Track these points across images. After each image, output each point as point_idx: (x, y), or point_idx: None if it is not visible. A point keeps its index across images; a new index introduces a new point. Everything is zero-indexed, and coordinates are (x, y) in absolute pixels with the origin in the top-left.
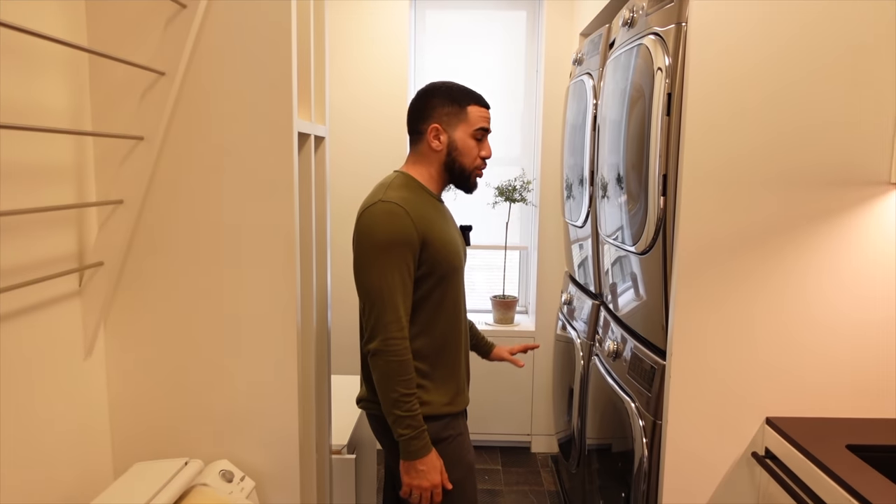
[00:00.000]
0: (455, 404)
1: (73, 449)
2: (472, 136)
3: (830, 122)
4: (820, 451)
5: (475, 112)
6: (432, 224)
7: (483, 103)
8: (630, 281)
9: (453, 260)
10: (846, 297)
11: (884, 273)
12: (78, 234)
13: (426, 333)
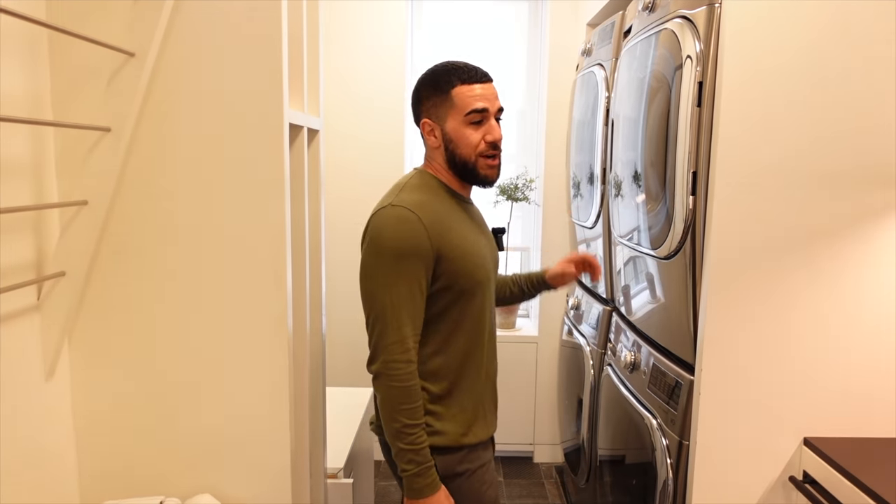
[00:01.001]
0: (473, 434)
1: (36, 484)
2: (466, 122)
3: (880, 117)
4: (866, 475)
5: (463, 93)
6: (450, 232)
7: (473, 79)
8: (647, 285)
9: (476, 273)
10: (894, 305)
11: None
12: (36, 239)
13: (443, 353)
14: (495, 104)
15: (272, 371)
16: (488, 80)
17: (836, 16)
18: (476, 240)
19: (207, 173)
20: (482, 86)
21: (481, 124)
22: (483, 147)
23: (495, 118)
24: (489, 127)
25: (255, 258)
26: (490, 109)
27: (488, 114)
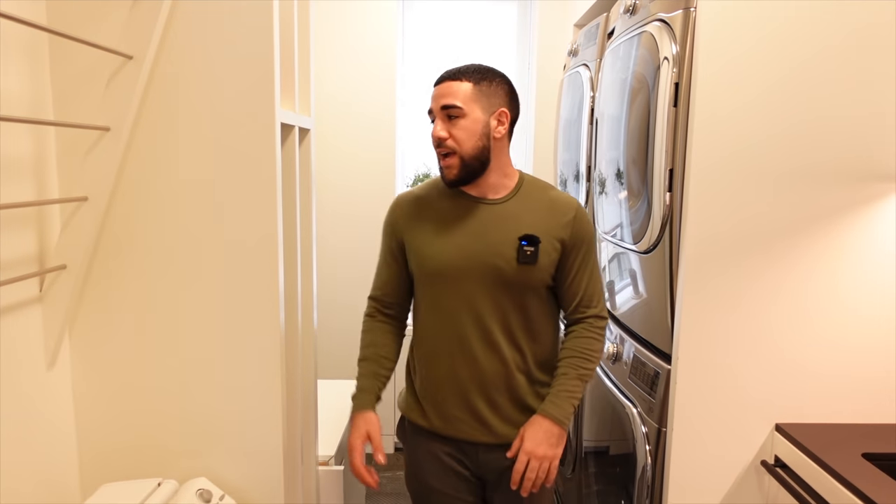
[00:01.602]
0: (409, 412)
1: (37, 468)
2: (432, 120)
3: (847, 114)
4: (834, 459)
5: (433, 93)
6: (419, 224)
7: (437, 81)
8: (630, 280)
9: (425, 265)
10: (863, 296)
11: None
12: (38, 234)
13: (415, 325)
14: (439, 102)
15: (264, 361)
16: (446, 79)
17: (805, 18)
18: (451, 237)
19: (202, 171)
20: (438, 87)
21: (434, 125)
22: (435, 147)
23: (444, 117)
24: (434, 127)
25: (247, 253)
26: (434, 109)
27: (433, 115)
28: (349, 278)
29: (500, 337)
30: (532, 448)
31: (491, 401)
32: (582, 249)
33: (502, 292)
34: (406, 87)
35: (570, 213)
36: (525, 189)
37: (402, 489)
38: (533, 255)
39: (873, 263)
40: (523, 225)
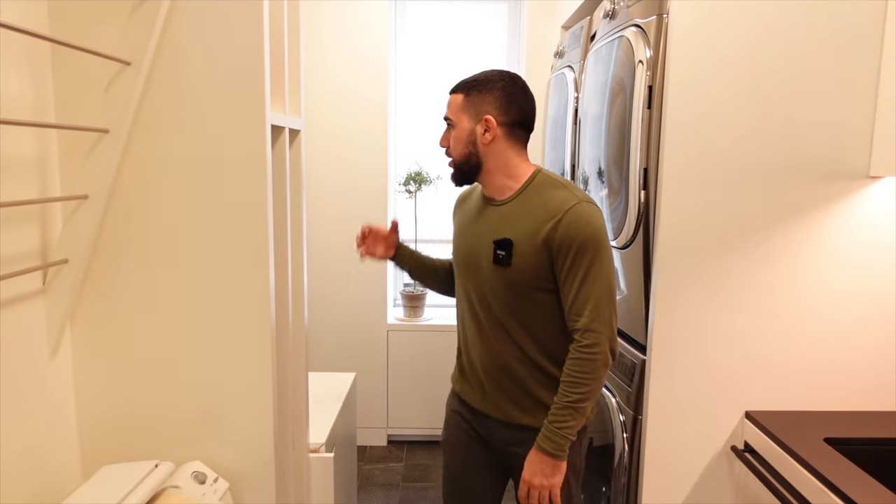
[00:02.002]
0: (458, 387)
1: (40, 451)
2: None
3: (811, 116)
4: (798, 444)
5: None
6: (457, 218)
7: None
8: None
9: (455, 250)
10: (826, 290)
11: (864, 267)
12: (41, 230)
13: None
14: (445, 113)
15: (256, 354)
16: (451, 92)
17: (771, 26)
18: (465, 233)
19: (196, 171)
20: (450, 97)
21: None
22: None
23: (447, 126)
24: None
25: (239, 250)
26: (445, 119)
27: (447, 123)
28: (342, 276)
29: (494, 329)
30: (529, 478)
31: (496, 382)
32: (571, 252)
33: (491, 289)
34: (398, 86)
35: (558, 214)
36: (529, 190)
37: (393, 480)
38: (505, 258)
39: (840, 259)
40: (510, 227)
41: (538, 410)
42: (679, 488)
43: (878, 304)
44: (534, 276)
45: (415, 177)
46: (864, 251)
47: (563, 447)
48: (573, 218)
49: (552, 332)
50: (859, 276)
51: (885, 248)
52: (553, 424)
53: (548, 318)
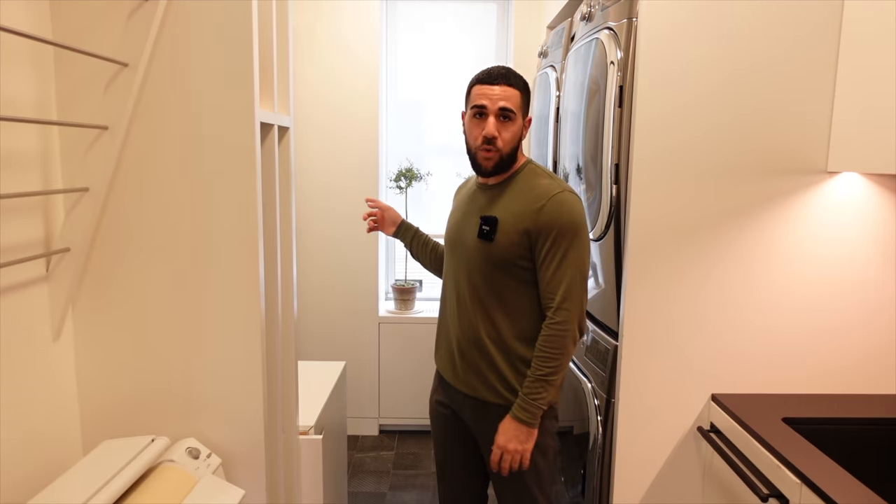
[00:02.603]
0: (438, 365)
1: (44, 426)
2: (471, 115)
3: (772, 115)
4: (758, 424)
5: (476, 91)
6: (457, 199)
7: (486, 80)
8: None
9: (446, 230)
10: (785, 280)
11: (820, 258)
12: (45, 220)
13: None
14: (496, 104)
15: (246, 336)
16: (499, 82)
17: (733, 29)
18: (458, 216)
19: (189, 166)
20: (489, 87)
21: (481, 119)
22: (479, 142)
23: (497, 116)
24: (485, 123)
25: (230, 241)
26: (489, 108)
27: (487, 112)
28: (335, 269)
29: (472, 303)
30: (504, 443)
31: (467, 358)
32: (551, 236)
33: (474, 264)
34: (389, 84)
35: (541, 201)
36: (519, 176)
37: (384, 467)
38: (489, 233)
39: (798, 250)
40: (497, 207)
41: (503, 390)
42: (649, 467)
43: (833, 293)
44: (513, 254)
45: (405, 173)
46: (821, 243)
47: (536, 416)
48: (556, 205)
49: (526, 310)
50: (818, 267)
51: (840, 241)
52: (528, 396)
53: (522, 295)
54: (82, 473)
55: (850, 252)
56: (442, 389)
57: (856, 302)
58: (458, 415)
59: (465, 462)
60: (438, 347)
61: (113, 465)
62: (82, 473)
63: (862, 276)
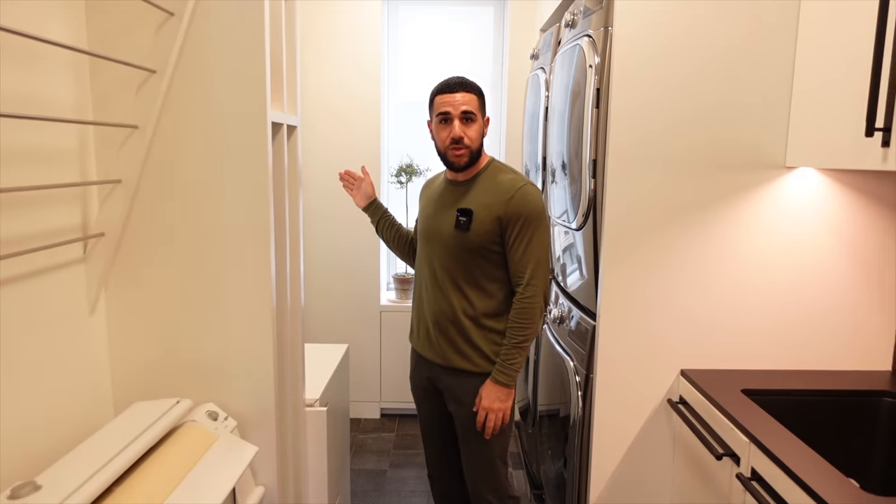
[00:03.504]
0: (413, 342)
1: (80, 391)
2: (438, 121)
3: (735, 113)
4: (719, 395)
5: (438, 100)
6: (424, 198)
7: (446, 90)
8: (574, 256)
9: (419, 225)
10: (747, 265)
11: (779, 245)
12: (82, 208)
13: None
14: (458, 109)
15: (259, 313)
16: (457, 90)
17: (700, 35)
18: (431, 209)
19: (209, 162)
20: (450, 95)
21: (447, 124)
22: (447, 143)
23: (461, 120)
24: (451, 127)
25: (245, 229)
26: (452, 113)
27: (451, 116)
28: (339, 261)
29: (449, 286)
30: (488, 405)
31: (443, 332)
32: (518, 224)
33: (450, 252)
34: (390, 84)
35: (509, 193)
36: (485, 173)
37: (385, 447)
38: (465, 223)
39: (759, 240)
40: (469, 200)
41: (478, 359)
42: (624, 437)
43: (791, 278)
44: (487, 240)
45: (406, 168)
46: (780, 232)
47: (514, 378)
48: (522, 196)
49: (495, 290)
50: (777, 253)
51: (797, 230)
52: (506, 361)
53: (492, 277)
54: (117, 429)
55: (806, 240)
56: (419, 368)
57: (811, 285)
58: (435, 386)
59: (442, 427)
60: (414, 330)
61: (143, 422)
62: (117, 429)
63: (816, 262)
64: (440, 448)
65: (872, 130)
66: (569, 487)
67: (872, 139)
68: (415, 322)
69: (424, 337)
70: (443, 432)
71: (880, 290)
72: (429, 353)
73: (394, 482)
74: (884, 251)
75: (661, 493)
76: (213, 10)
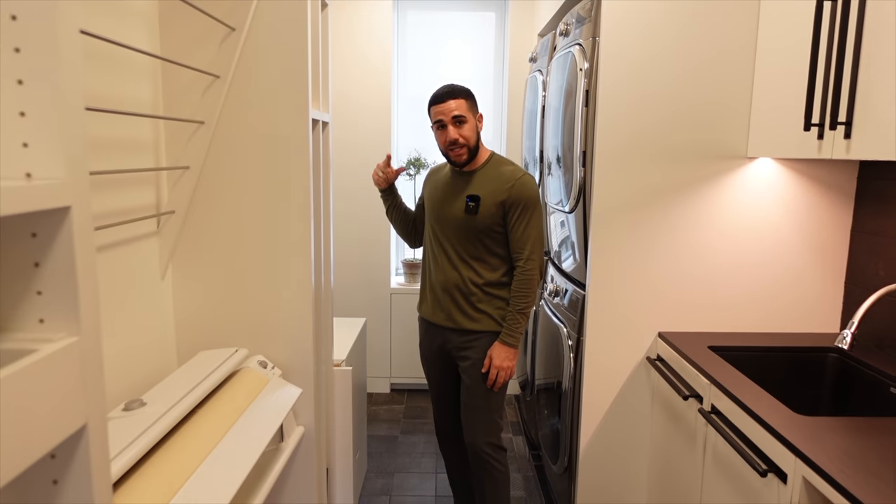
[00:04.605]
0: (423, 312)
1: (153, 343)
2: (435, 128)
3: (704, 110)
4: (690, 351)
5: (433, 110)
6: (431, 185)
7: (438, 101)
8: (568, 236)
9: (427, 212)
10: (715, 243)
11: (742, 226)
12: (156, 190)
13: (423, 260)
14: (450, 115)
15: (300, 280)
16: (446, 99)
17: (676, 45)
18: (440, 196)
19: (262, 150)
20: (440, 105)
21: (444, 130)
22: (446, 146)
23: (453, 123)
24: (447, 132)
25: (290, 206)
26: (445, 120)
27: (444, 123)
28: (353, 246)
29: (458, 260)
30: (499, 363)
31: (452, 299)
32: (518, 208)
33: (461, 231)
34: (400, 84)
35: (510, 182)
36: (488, 165)
37: (396, 417)
38: (474, 208)
39: (723, 220)
40: (475, 188)
41: (481, 319)
42: (610, 391)
43: (753, 254)
44: (492, 222)
45: (414, 161)
46: (743, 214)
47: (518, 340)
48: (521, 185)
49: (497, 264)
50: (740, 232)
51: (757, 212)
52: (512, 326)
53: (495, 254)
54: (192, 368)
55: (765, 221)
56: (429, 335)
57: (770, 260)
58: (444, 349)
59: (450, 388)
60: (424, 300)
61: (211, 364)
62: (192, 368)
63: (774, 240)
64: (449, 408)
65: (809, 125)
66: (562, 437)
67: (810, 133)
68: (426, 292)
69: (436, 305)
70: (450, 393)
71: (829, 263)
72: (438, 318)
73: (405, 446)
74: (831, 229)
75: (641, 435)
76: (267, 24)
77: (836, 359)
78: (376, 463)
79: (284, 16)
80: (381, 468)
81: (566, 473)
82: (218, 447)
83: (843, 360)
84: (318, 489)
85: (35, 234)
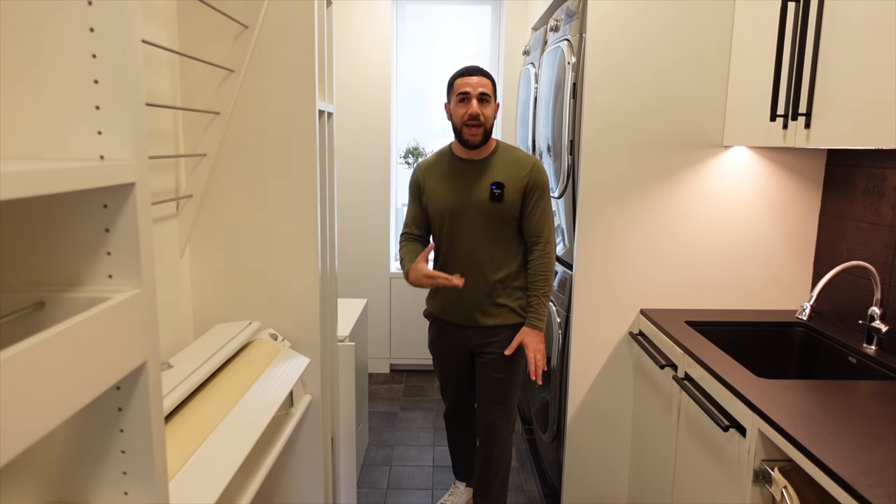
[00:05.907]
0: (438, 312)
1: (173, 316)
2: (456, 101)
3: (683, 101)
4: (668, 325)
5: (458, 82)
6: (433, 178)
7: (466, 74)
8: (558, 220)
9: (437, 204)
10: (693, 225)
11: (718, 210)
12: (175, 175)
13: (436, 256)
14: (477, 90)
15: (307, 260)
16: (476, 74)
17: (657, 42)
18: (447, 188)
19: (272, 140)
20: (468, 78)
21: (466, 102)
22: (465, 119)
23: (478, 99)
24: (470, 105)
25: (298, 193)
26: (471, 93)
27: (470, 96)
28: (352, 232)
29: (480, 253)
30: (535, 347)
31: (474, 299)
32: (536, 192)
33: (483, 223)
34: (399, 75)
35: (528, 166)
36: (499, 151)
37: (395, 395)
38: (500, 195)
39: (701, 205)
40: (495, 175)
41: (501, 313)
42: (595, 364)
43: (728, 235)
44: (514, 208)
45: (413, 151)
46: (718, 199)
47: (544, 322)
48: (537, 170)
49: (513, 254)
50: (716, 216)
51: (732, 197)
52: (539, 310)
53: (512, 241)
54: (210, 338)
55: (740, 205)
56: (446, 334)
57: (743, 242)
58: (461, 347)
59: (463, 374)
60: (436, 297)
61: (227, 335)
62: (210, 338)
63: (748, 223)
64: (462, 390)
65: (775, 116)
66: (551, 408)
67: (776, 123)
68: (439, 290)
69: (451, 303)
70: (464, 377)
71: (799, 244)
72: (456, 318)
73: (404, 421)
74: (801, 213)
75: (624, 403)
76: (277, 22)
77: (803, 332)
78: (377, 437)
79: (293, 14)
80: (381, 441)
81: (555, 442)
82: (238, 404)
83: (808, 334)
84: (325, 455)
85: (106, 205)
